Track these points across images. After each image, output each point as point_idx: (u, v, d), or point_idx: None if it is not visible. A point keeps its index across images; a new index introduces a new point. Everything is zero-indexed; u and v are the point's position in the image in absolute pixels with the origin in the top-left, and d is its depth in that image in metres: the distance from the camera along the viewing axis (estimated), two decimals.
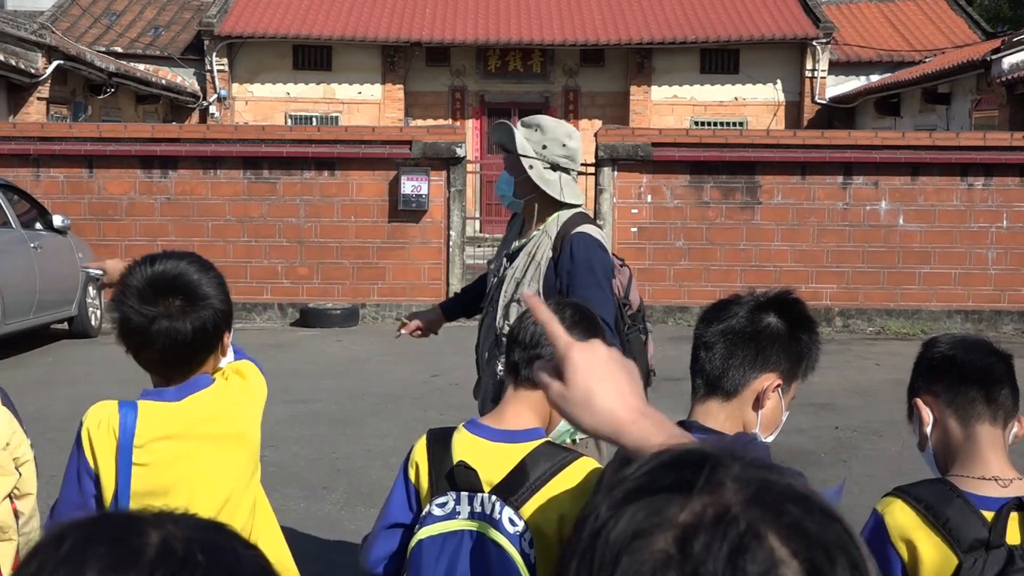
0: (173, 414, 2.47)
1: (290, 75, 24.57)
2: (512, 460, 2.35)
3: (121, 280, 2.45)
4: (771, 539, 0.74)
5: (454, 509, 2.33)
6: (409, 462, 2.47)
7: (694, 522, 0.75)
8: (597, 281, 3.66)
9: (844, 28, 25.65)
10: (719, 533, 0.74)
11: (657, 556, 0.74)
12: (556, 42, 24.11)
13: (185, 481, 2.48)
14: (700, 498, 0.76)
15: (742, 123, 23.85)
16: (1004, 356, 2.33)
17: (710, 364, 2.12)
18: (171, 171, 13.65)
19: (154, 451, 2.45)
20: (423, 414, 8.58)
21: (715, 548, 0.73)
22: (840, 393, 9.65)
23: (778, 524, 0.75)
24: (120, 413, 2.46)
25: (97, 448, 2.46)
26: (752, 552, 0.73)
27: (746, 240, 13.78)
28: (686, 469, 0.79)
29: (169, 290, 2.38)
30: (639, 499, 0.78)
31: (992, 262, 13.75)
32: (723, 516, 0.75)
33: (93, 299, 12.62)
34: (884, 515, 2.25)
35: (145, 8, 26.22)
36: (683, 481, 0.78)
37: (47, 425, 8.11)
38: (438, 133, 14.21)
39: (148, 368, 2.52)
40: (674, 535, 0.75)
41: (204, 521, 0.87)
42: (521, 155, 3.86)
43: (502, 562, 2.26)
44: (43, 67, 16.64)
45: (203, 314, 2.40)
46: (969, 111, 19.39)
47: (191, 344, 2.41)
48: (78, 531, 0.83)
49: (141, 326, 2.38)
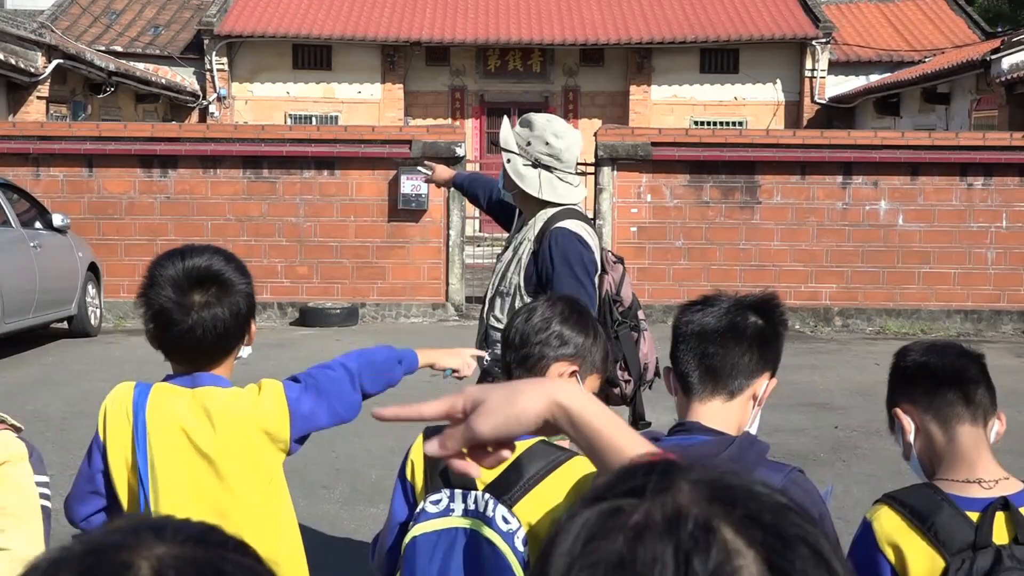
0: (183, 400, 2.55)
1: (290, 74, 24.58)
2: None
3: (150, 275, 2.53)
4: (724, 531, 0.74)
5: (448, 506, 2.33)
6: (406, 461, 2.49)
7: (645, 522, 0.75)
8: (574, 274, 3.71)
9: (844, 28, 25.66)
10: (671, 531, 0.74)
11: (610, 558, 0.74)
12: (556, 42, 24.11)
13: (182, 471, 2.53)
14: (653, 500, 0.76)
15: (742, 123, 23.86)
16: (976, 356, 2.35)
17: (714, 365, 2.13)
18: (171, 170, 13.65)
19: (158, 430, 2.53)
20: None
21: (663, 545, 0.73)
22: (839, 393, 9.65)
23: (731, 517, 0.74)
24: (135, 391, 2.56)
25: (110, 425, 2.55)
26: (703, 546, 0.72)
27: (745, 240, 13.78)
28: (641, 475, 0.79)
29: (203, 280, 2.49)
30: (594, 505, 0.78)
31: (992, 262, 13.76)
32: (676, 515, 0.75)
33: (93, 298, 12.63)
34: (872, 521, 2.28)
35: (145, 7, 26.22)
36: (637, 486, 0.78)
37: (47, 424, 8.11)
38: (438, 133, 14.22)
39: (177, 358, 2.59)
40: (625, 537, 0.74)
41: (193, 530, 0.84)
42: (503, 148, 3.96)
43: (495, 560, 2.26)
44: (43, 66, 16.64)
45: (236, 300, 2.52)
46: (969, 111, 19.40)
47: (227, 329, 2.51)
48: (62, 573, 0.79)
49: (179, 317, 2.47)
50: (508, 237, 4.19)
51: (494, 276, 4.00)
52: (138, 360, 11.00)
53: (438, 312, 13.86)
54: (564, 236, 3.77)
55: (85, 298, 12.32)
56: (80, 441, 7.68)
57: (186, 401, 2.54)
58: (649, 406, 4.02)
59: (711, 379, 2.13)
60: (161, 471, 2.52)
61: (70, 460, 7.21)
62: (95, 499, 2.62)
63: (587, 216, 4.06)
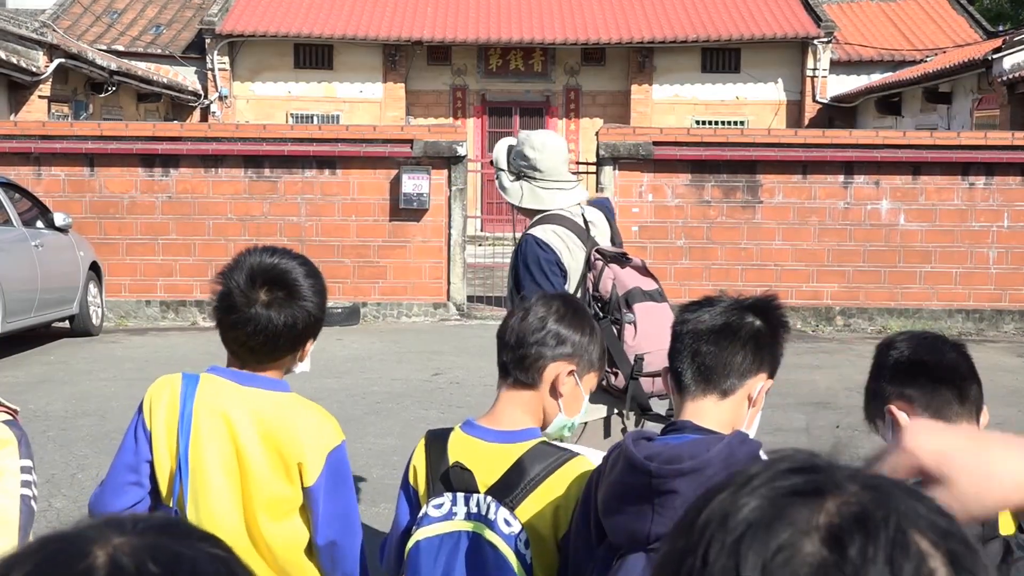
0: (231, 393, 2.55)
1: (291, 74, 24.59)
2: (508, 461, 2.36)
3: (236, 258, 2.58)
4: (913, 534, 0.75)
5: (450, 510, 2.34)
6: (409, 467, 2.49)
7: (839, 523, 0.75)
8: (532, 276, 3.99)
9: (845, 27, 25.65)
10: (870, 534, 0.74)
11: (810, 560, 0.74)
12: (557, 41, 24.11)
13: (219, 464, 2.53)
14: (833, 499, 0.77)
15: (743, 122, 23.85)
16: (962, 349, 2.33)
17: (706, 364, 2.12)
18: (172, 169, 13.66)
19: (203, 421, 2.53)
20: (424, 413, 8.58)
21: (870, 549, 0.74)
22: (841, 392, 9.65)
23: (910, 519, 0.76)
24: (183, 382, 2.57)
25: (155, 413, 2.55)
26: (904, 549, 0.74)
27: (747, 239, 13.78)
28: (807, 472, 0.80)
29: (275, 281, 2.52)
30: (767, 501, 0.77)
31: (993, 261, 13.75)
32: (863, 516, 0.75)
33: (94, 297, 12.63)
34: None
35: (146, 6, 26.22)
36: (810, 484, 0.78)
37: (48, 424, 8.11)
38: (439, 132, 14.21)
39: (230, 347, 2.60)
40: (820, 537, 0.75)
41: (154, 522, 0.83)
42: (495, 167, 4.35)
43: (498, 563, 2.27)
44: (44, 65, 16.65)
45: (297, 313, 2.53)
46: (970, 110, 19.39)
47: (278, 337, 2.53)
48: (20, 567, 0.78)
49: (240, 305, 2.51)
50: None
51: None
52: (139, 359, 11.01)
53: (440, 311, 13.86)
54: (527, 242, 4.06)
55: (87, 297, 12.33)
56: (82, 440, 7.69)
57: (234, 396, 2.54)
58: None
59: (703, 378, 2.13)
60: (197, 462, 2.51)
61: (71, 459, 7.22)
62: (135, 491, 2.56)
63: (573, 219, 4.19)
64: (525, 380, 2.43)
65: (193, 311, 13.59)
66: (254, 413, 2.53)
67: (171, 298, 13.66)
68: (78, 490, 6.53)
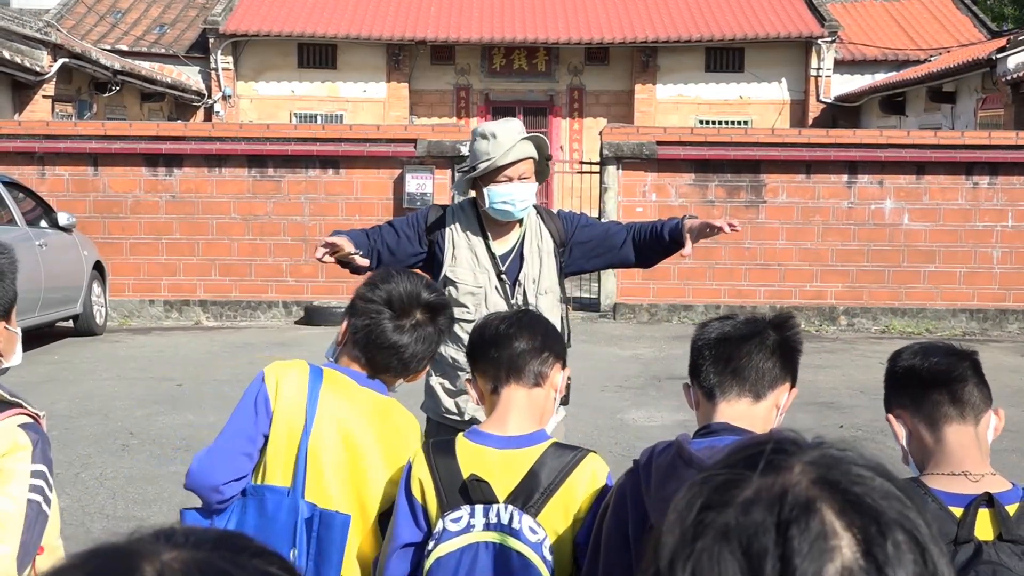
0: (353, 391, 2.60)
1: (295, 73, 24.59)
2: (522, 467, 2.35)
3: (406, 270, 2.80)
4: (825, 512, 0.78)
5: (468, 523, 2.32)
6: (411, 479, 2.43)
7: (753, 497, 0.80)
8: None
9: (849, 27, 25.62)
10: (775, 506, 0.79)
11: (718, 527, 0.79)
12: (561, 41, 24.11)
13: (333, 458, 2.55)
14: (764, 476, 0.81)
15: (747, 122, 23.83)
16: (967, 354, 2.34)
17: (741, 366, 2.19)
18: (176, 169, 13.66)
19: (325, 415, 2.55)
20: (424, 414, 8.56)
21: (766, 518, 0.78)
22: (844, 392, 9.64)
23: (834, 500, 0.79)
24: (311, 374, 2.60)
25: (281, 392, 2.55)
26: (803, 523, 0.77)
27: (751, 239, 13.76)
28: (755, 452, 0.84)
29: (435, 311, 2.66)
30: (710, 479, 0.84)
31: (997, 261, 13.73)
32: (782, 492, 0.80)
33: (98, 297, 12.64)
34: None
35: (150, 6, 26.24)
36: (751, 463, 0.83)
37: (52, 423, 8.09)
38: (443, 131, 14.21)
39: (356, 339, 2.65)
40: (733, 508, 0.80)
41: (209, 536, 0.82)
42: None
43: (525, 571, 2.26)
44: (48, 65, 16.67)
45: (428, 346, 2.67)
46: (974, 110, 19.37)
47: (407, 358, 2.64)
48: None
49: (397, 310, 2.63)
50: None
51: None
52: (143, 359, 11.01)
53: None
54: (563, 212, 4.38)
55: (90, 297, 12.33)
56: (85, 439, 7.69)
57: (355, 395, 2.59)
58: (654, 406, 4.03)
59: (737, 381, 2.20)
60: (316, 454, 2.52)
61: (74, 458, 7.21)
62: (245, 462, 2.52)
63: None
64: (534, 381, 2.44)
65: (196, 310, 13.59)
66: (371, 415, 2.58)
67: (175, 298, 13.66)
68: (81, 490, 6.53)
